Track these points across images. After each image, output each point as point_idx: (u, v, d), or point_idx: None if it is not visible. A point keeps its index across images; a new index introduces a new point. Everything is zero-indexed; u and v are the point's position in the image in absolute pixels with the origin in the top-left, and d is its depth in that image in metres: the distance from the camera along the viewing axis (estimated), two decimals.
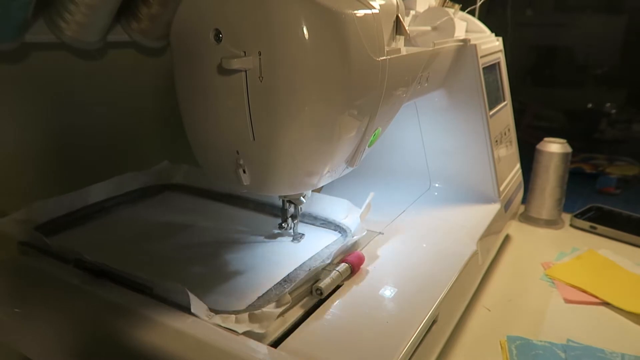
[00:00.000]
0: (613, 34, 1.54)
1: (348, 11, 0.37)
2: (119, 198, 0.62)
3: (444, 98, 0.64)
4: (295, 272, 0.47)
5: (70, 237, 0.54)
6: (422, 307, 0.43)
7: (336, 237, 0.55)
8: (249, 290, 0.44)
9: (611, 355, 0.51)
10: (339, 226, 0.56)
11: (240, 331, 0.38)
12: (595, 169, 1.37)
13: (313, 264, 0.49)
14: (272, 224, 0.58)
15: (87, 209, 0.59)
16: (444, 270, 0.50)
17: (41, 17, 0.51)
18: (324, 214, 0.58)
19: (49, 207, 0.55)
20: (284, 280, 0.46)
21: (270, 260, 0.50)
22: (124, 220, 0.59)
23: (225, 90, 0.38)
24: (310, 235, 0.55)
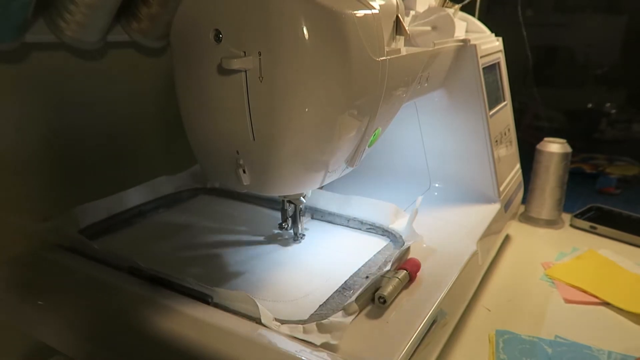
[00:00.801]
0: (613, 34, 1.54)
1: (348, 11, 0.37)
2: (155, 202, 0.62)
3: (444, 98, 0.64)
4: (352, 279, 0.47)
5: (111, 242, 0.54)
6: (422, 306, 0.43)
7: (384, 242, 0.54)
8: (303, 296, 0.44)
9: (598, 352, 0.51)
10: (387, 231, 0.56)
11: (317, 343, 0.36)
12: (595, 169, 1.37)
13: (369, 270, 0.48)
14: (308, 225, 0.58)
15: (125, 214, 0.59)
16: (444, 270, 0.50)
17: (41, 17, 0.51)
18: (370, 219, 0.57)
19: (90, 212, 0.55)
20: (343, 288, 0.45)
21: (316, 264, 0.50)
22: (162, 225, 0.59)
23: (225, 90, 0.38)
24: (359, 241, 0.55)
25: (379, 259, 0.51)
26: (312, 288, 0.45)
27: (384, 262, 0.50)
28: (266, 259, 0.51)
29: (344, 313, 0.39)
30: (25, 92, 0.53)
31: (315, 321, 0.38)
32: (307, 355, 0.36)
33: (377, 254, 0.51)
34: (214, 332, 0.39)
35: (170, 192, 0.65)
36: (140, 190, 0.61)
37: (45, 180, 0.57)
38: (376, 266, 0.49)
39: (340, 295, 0.44)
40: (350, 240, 0.56)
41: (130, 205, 0.60)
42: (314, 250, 0.53)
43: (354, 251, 0.53)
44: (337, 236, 0.57)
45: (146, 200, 0.62)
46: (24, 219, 0.55)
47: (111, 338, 0.43)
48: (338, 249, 0.54)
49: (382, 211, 0.57)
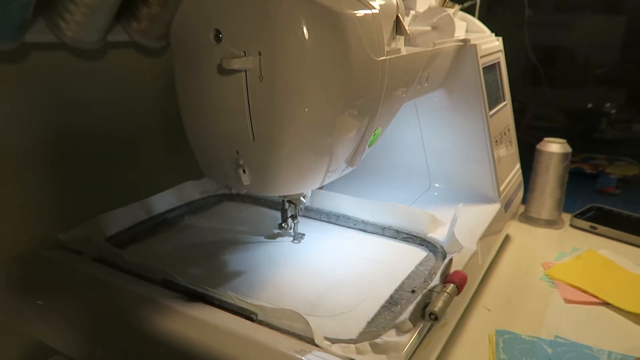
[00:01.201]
0: (613, 34, 1.54)
1: (348, 11, 0.37)
2: (180, 209, 0.62)
3: (444, 98, 0.64)
4: (398, 293, 0.45)
5: (138, 251, 0.53)
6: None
7: (423, 251, 0.53)
8: (347, 311, 0.42)
9: (598, 352, 0.51)
10: (425, 240, 0.54)
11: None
12: (595, 169, 1.37)
13: (413, 283, 0.46)
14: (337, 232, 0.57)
15: (150, 221, 0.58)
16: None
17: (41, 17, 0.51)
18: (405, 227, 0.55)
19: (114, 220, 0.54)
20: (390, 303, 0.43)
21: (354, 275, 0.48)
22: (189, 233, 0.58)
23: (225, 90, 0.38)
24: (396, 251, 0.53)
25: (421, 270, 0.49)
26: (355, 302, 0.43)
27: (428, 274, 0.48)
28: (291, 265, 0.50)
29: (398, 331, 0.37)
30: (25, 92, 0.53)
31: (368, 340, 0.37)
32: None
33: (419, 265, 0.50)
34: (257, 348, 0.37)
35: (196, 198, 0.64)
36: (165, 196, 0.61)
37: (45, 180, 0.57)
38: (420, 279, 0.47)
39: (387, 310, 0.42)
40: (387, 250, 0.54)
41: (156, 212, 0.59)
42: (351, 261, 0.52)
43: (392, 262, 0.51)
44: (373, 246, 0.55)
45: (171, 207, 0.61)
46: (45, 226, 0.55)
47: (112, 338, 0.43)
48: (375, 259, 0.52)
49: (419, 219, 0.55)
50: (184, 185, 0.64)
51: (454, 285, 0.43)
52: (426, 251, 0.53)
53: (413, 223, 0.55)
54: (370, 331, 0.39)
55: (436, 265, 0.48)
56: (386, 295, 0.44)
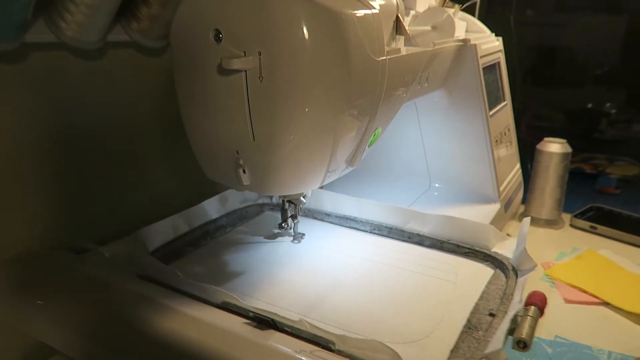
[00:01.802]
0: (613, 34, 1.55)
1: (348, 11, 0.37)
2: (221, 220, 0.60)
3: (444, 98, 0.64)
4: (475, 316, 0.41)
5: (184, 267, 0.51)
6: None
7: (488, 269, 0.50)
8: (425, 337, 0.39)
9: (598, 352, 0.51)
10: (489, 256, 0.51)
11: None
12: (595, 169, 1.37)
13: (488, 305, 0.43)
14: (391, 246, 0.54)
15: (192, 234, 0.56)
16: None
17: (41, 17, 0.51)
18: (468, 241, 0.52)
19: (155, 233, 0.53)
20: (469, 328, 0.40)
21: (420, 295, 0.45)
22: (233, 247, 0.55)
23: (225, 90, 0.38)
24: (460, 267, 0.50)
25: (493, 290, 0.45)
26: (430, 326, 0.40)
27: (502, 295, 0.44)
28: (351, 282, 0.47)
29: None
30: (25, 92, 0.53)
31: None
32: None
33: (489, 284, 0.46)
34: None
35: (237, 208, 0.63)
36: (206, 206, 0.59)
37: (45, 180, 0.57)
38: (494, 300, 0.44)
39: (469, 336, 0.39)
40: (450, 265, 0.51)
41: (196, 224, 0.57)
42: (413, 278, 0.48)
43: (458, 279, 0.48)
44: (433, 260, 0.52)
45: (212, 218, 0.59)
46: (44, 225, 0.55)
47: (113, 338, 0.42)
48: (439, 276, 0.49)
49: (480, 233, 0.52)
50: (225, 194, 0.62)
51: (536, 307, 0.40)
52: (492, 268, 0.50)
53: (474, 236, 0.52)
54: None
55: (508, 285, 0.45)
56: (463, 319, 0.41)
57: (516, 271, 0.47)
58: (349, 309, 0.43)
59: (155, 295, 0.42)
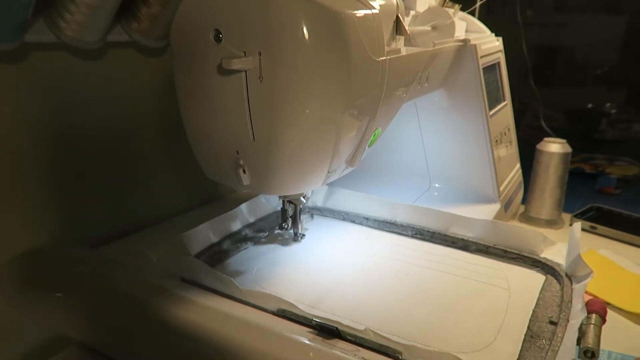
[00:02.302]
0: (613, 34, 1.55)
1: (348, 11, 0.37)
2: (259, 224, 0.59)
3: (444, 98, 0.64)
4: (536, 324, 0.40)
5: (228, 271, 0.49)
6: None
7: (539, 275, 0.48)
8: (485, 347, 0.38)
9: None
10: (538, 261, 0.49)
11: None
12: (595, 169, 1.37)
13: (547, 312, 0.42)
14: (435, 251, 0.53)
15: (231, 237, 0.55)
16: None
17: (41, 17, 0.51)
18: (514, 245, 0.51)
19: (199, 236, 0.52)
20: (531, 337, 0.39)
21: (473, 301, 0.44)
22: (275, 253, 0.54)
23: (225, 90, 0.38)
24: (510, 273, 0.48)
25: (549, 298, 0.44)
26: (490, 334, 0.39)
27: (560, 302, 0.43)
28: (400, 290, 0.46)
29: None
30: (25, 92, 0.53)
31: None
32: None
33: (544, 291, 0.45)
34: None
35: (274, 211, 0.61)
36: (241, 212, 0.58)
37: (45, 180, 0.57)
38: (553, 307, 0.42)
39: (532, 345, 0.37)
40: (498, 271, 0.49)
41: (235, 228, 0.56)
42: (462, 283, 0.47)
43: (510, 286, 0.46)
44: (480, 266, 0.50)
45: (250, 222, 0.58)
46: (44, 225, 0.54)
47: (129, 328, 0.42)
48: (488, 282, 0.47)
49: (528, 238, 0.50)
50: (257, 199, 0.60)
51: (597, 315, 0.39)
52: (543, 274, 0.48)
53: (520, 241, 0.51)
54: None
55: (565, 292, 0.44)
56: (522, 327, 0.40)
57: (570, 278, 0.45)
58: (401, 317, 0.42)
59: (171, 287, 0.42)
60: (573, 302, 0.41)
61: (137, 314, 0.42)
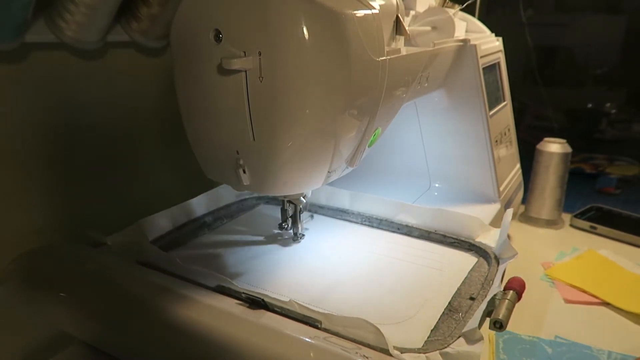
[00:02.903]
0: (613, 34, 1.54)
1: (348, 11, 0.37)
2: (218, 212, 0.61)
3: (444, 98, 0.64)
4: (456, 300, 0.44)
5: (182, 255, 0.52)
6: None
7: (473, 257, 0.52)
8: (408, 319, 0.41)
9: (598, 352, 0.51)
10: (474, 246, 0.53)
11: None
12: (595, 169, 1.37)
13: (470, 290, 0.46)
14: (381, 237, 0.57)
15: (190, 225, 0.58)
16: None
17: (41, 17, 0.51)
18: (454, 231, 0.55)
19: (155, 224, 0.54)
20: (450, 310, 0.42)
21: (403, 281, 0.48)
22: (230, 239, 0.57)
23: (225, 90, 0.38)
24: (446, 255, 0.53)
25: (476, 277, 0.48)
26: (413, 309, 0.43)
27: (484, 280, 0.47)
28: (339, 269, 0.49)
29: (467, 340, 0.36)
30: (25, 92, 0.53)
31: (437, 350, 0.36)
32: None
33: (472, 271, 0.49)
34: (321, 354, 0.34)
35: (233, 201, 0.64)
36: (203, 199, 0.60)
37: (45, 180, 0.57)
38: (476, 285, 0.46)
39: (449, 318, 0.41)
40: (436, 254, 0.53)
41: (194, 216, 0.58)
42: (400, 266, 0.51)
43: (443, 267, 0.50)
44: (420, 250, 0.54)
45: (209, 210, 0.60)
46: (44, 225, 0.55)
47: (129, 326, 0.43)
48: (425, 264, 0.51)
49: (466, 224, 0.54)
50: (220, 188, 0.63)
51: (514, 291, 0.42)
52: (476, 256, 0.52)
53: (462, 227, 0.54)
54: (436, 340, 0.38)
55: (490, 272, 0.47)
56: (444, 302, 0.43)
57: (498, 259, 0.49)
58: (340, 295, 0.46)
59: (161, 281, 0.43)
60: (494, 280, 0.44)
61: (139, 312, 0.42)
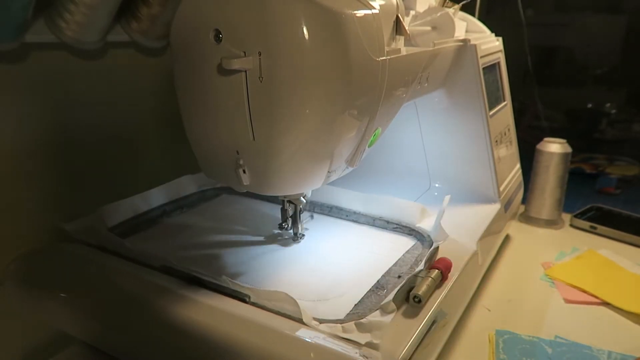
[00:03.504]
0: (613, 34, 1.55)
1: (348, 11, 0.37)
2: (178, 202, 0.63)
3: (444, 98, 0.64)
4: (385, 278, 0.47)
5: (138, 240, 0.54)
6: (422, 307, 0.43)
7: (411, 241, 0.55)
8: (338, 296, 0.44)
9: (598, 352, 0.51)
10: (414, 230, 0.56)
11: (361, 342, 0.37)
12: (595, 169, 1.37)
13: (400, 270, 0.48)
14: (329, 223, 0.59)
15: (150, 213, 0.59)
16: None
17: (41, 17, 0.51)
18: (395, 217, 0.57)
19: (116, 211, 0.56)
20: (376, 287, 0.45)
21: (343, 263, 0.50)
22: (187, 226, 0.59)
23: (225, 90, 0.38)
24: (386, 240, 0.55)
25: (408, 258, 0.51)
26: (346, 288, 0.46)
27: (414, 261, 0.50)
28: (285, 254, 0.52)
29: (382, 312, 0.40)
30: (25, 92, 0.53)
31: (354, 320, 0.39)
32: (351, 353, 0.36)
33: (407, 253, 0.52)
34: (254, 329, 0.39)
35: (194, 192, 0.66)
36: (164, 189, 0.62)
37: (45, 180, 0.57)
38: (407, 265, 0.49)
39: (374, 294, 0.44)
40: (377, 239, 0.56)
41: (155, 205, 0.60)
42: (342, 250, 0.53)
43: (382, 250, 0.53)
44: (364, 235, 0.57)
45: (170, 200, 0.62)
46: (44, 225, 0.56)
47: (123, 325, 0.44)
48: (366, 249, 0.53)
49: (408, 210, 0.57)
50: (182, 179, 0.65)
51: (438, 270, 0.45)
52: (414, 240, 0.55)
53: (403, 214, 0.57)
54: (357, 312, 0.41)
55: (423, 253, 0.50)
56: (374, 281, 0.46)
57: (432, 242, 0.52)
58: (284, 279, 0.48)
59: (161, 281, 0.44)
60: (423, 260, 0.46)
61: (139, 312, 0.43)
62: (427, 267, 0.45)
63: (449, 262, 0.47)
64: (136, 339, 0.44)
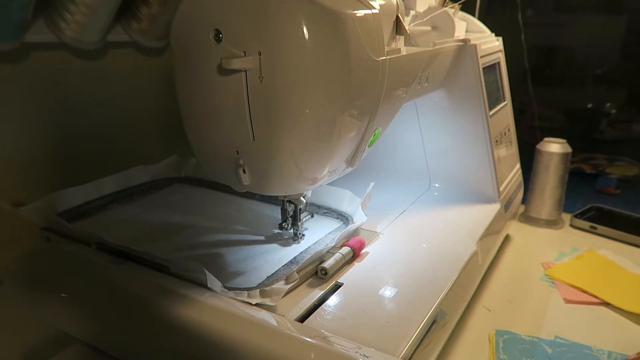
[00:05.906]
0: (613, 34, 1.54)
1: (348, 11, 0.37)
2: (130, 190, 0.64)
3: (444, 98, 0.64)
4: (301, 255, 0.50)
5: (87, 224, 0.56)
6: (422, 307, 0.43)
7: (339, 224, 0.57)
8: (259, 272, 0.47)
9: (598, 352, 0.51)
10: (341, 214, 0.59)
11: (253, 303, 0.41)
12: (595, 169, 1.37)
13: (318, 247, 0.51)
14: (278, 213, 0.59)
15: (101, 200, 0.61)
16: (444, 270, 0.50)
17: (41, 17, 0.51)
18: (327, 203, 0.60)
19: (67, 197, 0.57)
20: (291, 262, 0.48)
21: (275, 251, 0.52)
22: (135, 211, 0.61)
23: (225, 90, 0.38)
24: (314, 223, 0.57)
25: (329, 238, 0.53)
26: (264, 264, 0.49)
27: (331, 240, 0.52)
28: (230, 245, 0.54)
29: (285, 282, 0.43)
30: (25, 92, 0.53)
31: (260, 288, 0.43)
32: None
33: (329, 234, 0.54)
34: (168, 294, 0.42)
35: (146, 181, 0.67)
36: (116, 178, 0.63)
37: (44, 180, 0.57)
38: (324, 244, 0.51)
39: (286, 268, 0.47)
40: (307, 223, 0.58)
41: (106, 192, 0.62)
42: (276, 237, 0.55)
43: (308, 232, 0.55)
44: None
45: (122, 188, 0.64)
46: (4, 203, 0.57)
47: (121, 324, 0.45)
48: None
49: (338, 197, 0.60)
50: (135, 169, 0.66)
51: (350, 248, 0.49)
52: (339, 222, 0.58)
53: (334, 200, 0.60)
54: (267, 282, 0.44)
55: (343, 233, 0.52)
56: (290, 257, 0.49)
57: (354, 223, 0.54)
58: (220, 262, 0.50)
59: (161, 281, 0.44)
60: (338, 238, 0.50)
61: (139, 312, 0.43)
62: (341, 244, 0.50)
63: (361, 240, 0.51)
64: (136, 339, 0.44)
